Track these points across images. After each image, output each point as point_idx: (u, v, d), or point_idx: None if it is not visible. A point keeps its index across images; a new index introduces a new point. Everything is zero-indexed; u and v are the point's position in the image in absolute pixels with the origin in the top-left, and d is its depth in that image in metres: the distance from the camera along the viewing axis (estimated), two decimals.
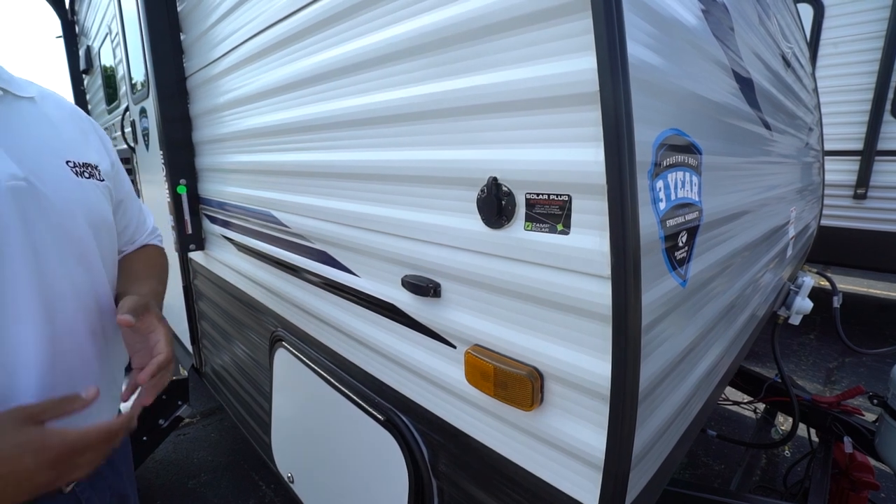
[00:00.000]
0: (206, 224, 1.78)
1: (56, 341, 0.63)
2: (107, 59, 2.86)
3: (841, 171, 3.45)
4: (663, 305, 0.63)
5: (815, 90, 2.54)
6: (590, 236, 0.56)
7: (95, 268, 0.71)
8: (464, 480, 0.84)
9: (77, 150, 0.71)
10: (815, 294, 1.91)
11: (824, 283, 2.28)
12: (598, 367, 0.58)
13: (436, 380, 0.83)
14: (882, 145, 3.29)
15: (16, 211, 0.59)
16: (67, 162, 0.68)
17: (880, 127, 3.27)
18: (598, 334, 0.58)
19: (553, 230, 0.60)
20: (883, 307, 4.51)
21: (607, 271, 0.54)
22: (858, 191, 3.40)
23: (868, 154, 3.33)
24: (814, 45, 3.46)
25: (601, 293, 0.56)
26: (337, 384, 1.09)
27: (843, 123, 3.41)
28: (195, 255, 1.90)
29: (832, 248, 3.50)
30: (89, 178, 0.71)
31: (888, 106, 3.24)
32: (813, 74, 2.53)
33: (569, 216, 0.58)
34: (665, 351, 0.66)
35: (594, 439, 0.60)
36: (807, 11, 3.41)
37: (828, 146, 3.13)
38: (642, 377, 0.58)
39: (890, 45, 3.16)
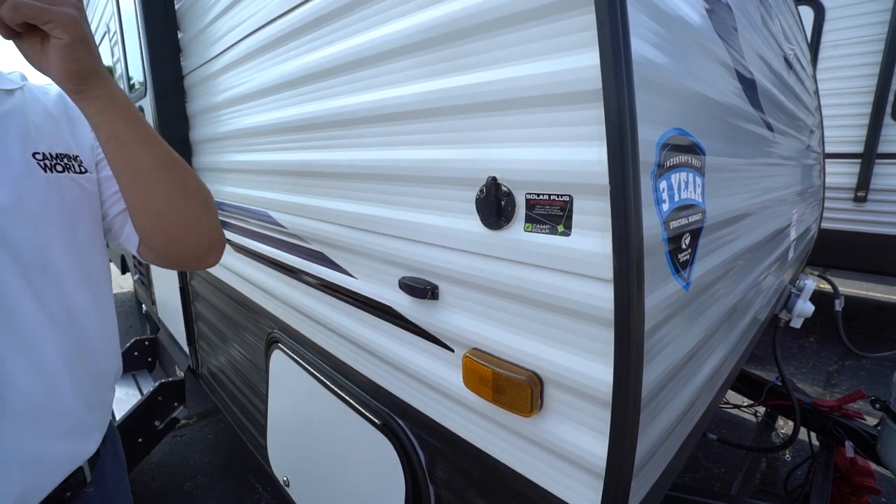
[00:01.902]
0: None
1: (35, 363, 0.58)
2: (105, 57, 2.85)
3: (841, 174, 3.44)
4: (666, 309, 0.62)
5: (816, 92, 2.54)
6: (591, 238, 0.55)
7: (65, 280, 0.62)
8: (461, 487, 0.82)
9: (51, 140, 0.63)
10: (815, 297, 1.90)
11: (825, 286, 2.27)
12: (600, 372, 0.57)
13: (433, 384, 0.81)
14: (882, 148, 3.28)
15: None
16: (35, 154, 0.60)
17: (881, 130, 3.26)
18: (599, 338, 0.56)
19: (554, 231, 0.58)
20: (883, 310, 4.50)
21: (609, 274, 0.53)
22: (859, 193, 3.39)
23: (868, 157, 3.32)
24: (814, 47, 3.45)
25: (603, 296, 0.54)
26: (333, 387, 1.08)
27: (843, 126, 3.40)
28: None
29: (832, 250, 3.49)
30: (62, 171, 0.62)
31: (888, 109, 3.23)
32: (814, 76, 2.52)
33: (570, 217, 0.57)
34: (668, 355, 0.65)
35: (595, 446, 0.59)
36: (807, 13, 3.40)
37: (828, 149, 3.12)
38: (645, 382, 0.56)
39: (890, 48, 3.15)
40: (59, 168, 0.62)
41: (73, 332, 0.63)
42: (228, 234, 1.54)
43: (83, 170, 0.66)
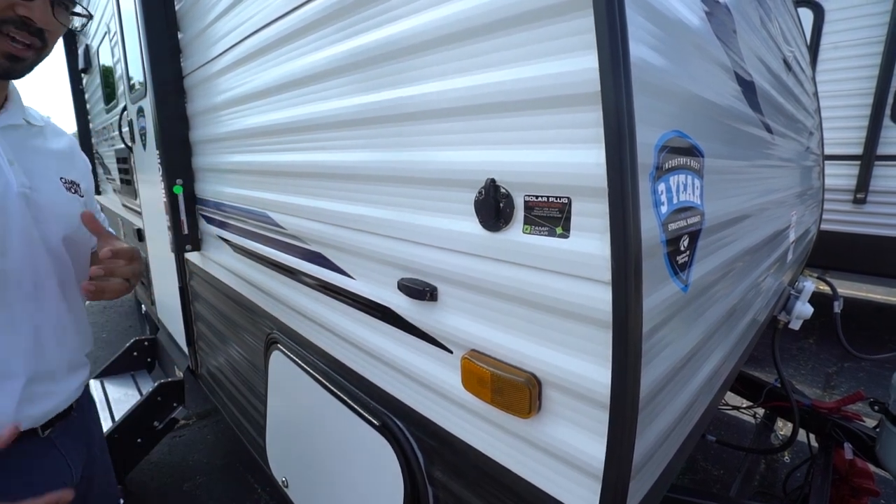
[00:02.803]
0: (203, 224, 1.77)
1: (42, 318, 0.80)
2: (105, 58, 2.85)
3: (840, 176, 3.44)
4: (665, 311, 0.62)
5: (816, 94, 2.54)
6: (590, 240, 0.55)
7: (66, 262, 0.85)
8: (459, 488, 0.82)
9: (67, 169, 0.88)
10: (814, 298, 1.90)
11: (824, 288, 2.27)
12: (598, 373, 0.57)
13: (432, 385, 0.81)
14: (882, 150, 3.29)
15: (22, 213, 0.75)
16: (61, 178, 0.85)
17: (880, 131, 3.27)
18: (597, 340, 0.56)
19: (552, 233, 0.58)
20: (882, 311, 4.51)
21: (608, 276, 0.53)
22: (858, 195, 3.39)
23: (868, 158, 3.33)
24: (814, 49, 3.46)
25: (601, 298, 0.54)
26: (332, 388, 1.08)
27: (842, 128, 3.41)
28: (191, 256, 1.88)
29: (832, 252, 3.49)
30: (73, 193, 0.87)
31: (888, 111, 3.24)
32: (813, 78, 2.53)
33: (568, 219, 0.57)
34: (666, 357, 0.65)
35: (593, 448, 0.59)
36: (807, 15, 3.41)
37: (827, 150, 3.12)
38: (643, 384, 0.56)
39: (890, 50, 3.16)
40: (73, 191, 0.87)
41: (70, 301, 0.86)
42: (228, 235, 1.54)
43: (82, 195, 0.89)
